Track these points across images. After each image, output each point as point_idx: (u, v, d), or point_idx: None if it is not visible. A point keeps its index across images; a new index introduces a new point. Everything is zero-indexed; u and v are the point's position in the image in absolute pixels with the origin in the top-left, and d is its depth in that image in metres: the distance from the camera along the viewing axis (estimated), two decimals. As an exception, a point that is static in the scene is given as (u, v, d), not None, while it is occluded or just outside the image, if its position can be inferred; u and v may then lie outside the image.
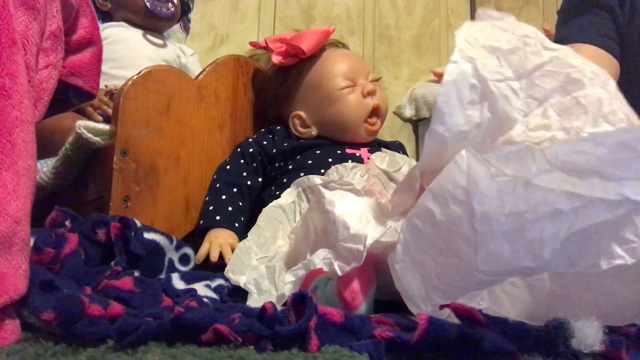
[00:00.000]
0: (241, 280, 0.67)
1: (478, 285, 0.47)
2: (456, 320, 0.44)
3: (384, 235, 0.55)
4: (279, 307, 0.56)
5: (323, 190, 0.64)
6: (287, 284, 0.58)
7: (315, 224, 0.65)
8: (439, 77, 1.71)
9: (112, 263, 0.67)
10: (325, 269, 0.55)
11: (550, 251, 0.44)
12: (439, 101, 0.48)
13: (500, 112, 0.50)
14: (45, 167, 0.90)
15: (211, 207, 0.88)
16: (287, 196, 0.82)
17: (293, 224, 0.78)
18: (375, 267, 0.57)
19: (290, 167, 0.94)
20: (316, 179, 0.80)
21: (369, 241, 0.54)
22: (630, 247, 0.44)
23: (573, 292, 0.52)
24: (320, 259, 0.56)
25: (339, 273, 0.54)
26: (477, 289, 0.49)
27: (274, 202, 0.81)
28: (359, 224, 0.57)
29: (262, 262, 0.71)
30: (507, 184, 0.44)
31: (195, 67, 1.32)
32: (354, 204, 0.61)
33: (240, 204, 0.90)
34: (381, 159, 0.82)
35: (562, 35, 1.12)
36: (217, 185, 0.91)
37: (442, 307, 0.45)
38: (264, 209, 0.81)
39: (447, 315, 0.46)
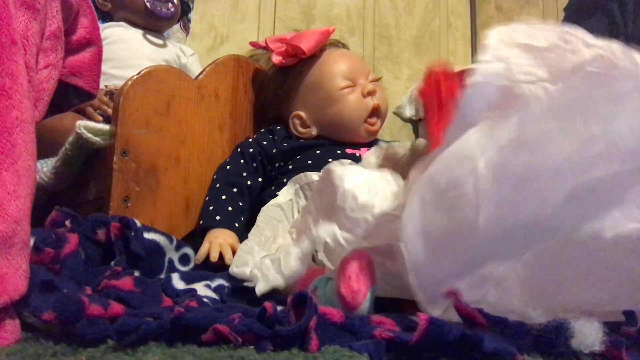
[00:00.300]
0: (246, 270, 0.67)
1: (482, 254, 0.46)
2: (455, 319, 0.44)
3: (394, 208, 0.54)
4: (285, 285, 0.55)
5: (332, 166, 0.63)
6: (292, 254, 0.58)
7: (318, 206, 0.64)
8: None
9: (112, 263, 0.67)
10: (331, 242, 0.55)
11: (552, 207, 0.43)
12: (461, 103, 0.47)
13: None
14: (45, 167, 0.90)
15: (211, 207, 0.88)
16: (285, 194, 0.82)
17: (292, 221, 0.78)
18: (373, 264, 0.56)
19: (290, 167, 0.94)
20: (314, 176, 0.80)
21: (376, 210, 0.54)
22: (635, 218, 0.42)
23: (570, 281, 0.50)
24: (325, 232, 0.56)
25: (344, 244, 0.54)
26: (482, 259, 0.47)
27: (272, 201, 0.81)
28: (367, 195, 0.57)
29: (265, 259, 0.71)
30: (509, 143, 0.43)
31: (195, 67, 1.32)
32: (364, 176, 0.61)
33: (240, 204, 0.90)
34: (377, 155, 0.81)
35: None
36: (217, 185, 0.91)
37: (447, 295, 0.45)
38: (262, 208, 0.81)
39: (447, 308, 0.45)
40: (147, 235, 0.73)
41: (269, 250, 0.73)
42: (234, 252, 0.80)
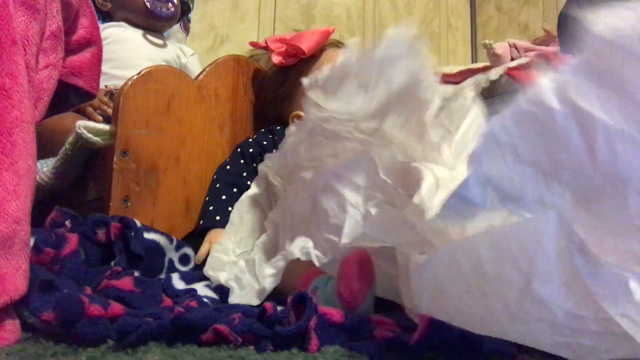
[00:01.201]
0: (222, 277, 0.66)
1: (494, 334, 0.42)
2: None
3: (362, 237, 0.52)
4: (259, 302, 0.56)
5: (305, 174, 0.60)
6: (267, 277, 0.57)
7: (292, 212, 0.62)
8: (438, 76, 1.71)
9: (112, 263, 0.67)
10: (303, 258, 0.55)
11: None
12: None
13: None
14: (45, 167, 0.90)
15: (211, 207, 0.88)
16: (254, 188, 0.79)
17: (268, 212, 0.75)
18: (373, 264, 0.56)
19: (290, 167, 0.94)
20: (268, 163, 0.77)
21: (344, 240, 0.52)
22: None
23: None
24: (298, 248, 0.55)
25: (316, 263, 0.53)
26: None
27: (244, 196, 0.79)
28: (341, 212, 0.53)
29: (242, 256, 0.69)
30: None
31: (195, 67, 1.32)
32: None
33: (240, 204, 0.90)
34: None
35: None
36: (217, 185, 0.91)
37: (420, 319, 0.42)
38: (235, 204, 0.79)
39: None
40: (147, 235, 0.73)
41: (247, 246, 0.72)
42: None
